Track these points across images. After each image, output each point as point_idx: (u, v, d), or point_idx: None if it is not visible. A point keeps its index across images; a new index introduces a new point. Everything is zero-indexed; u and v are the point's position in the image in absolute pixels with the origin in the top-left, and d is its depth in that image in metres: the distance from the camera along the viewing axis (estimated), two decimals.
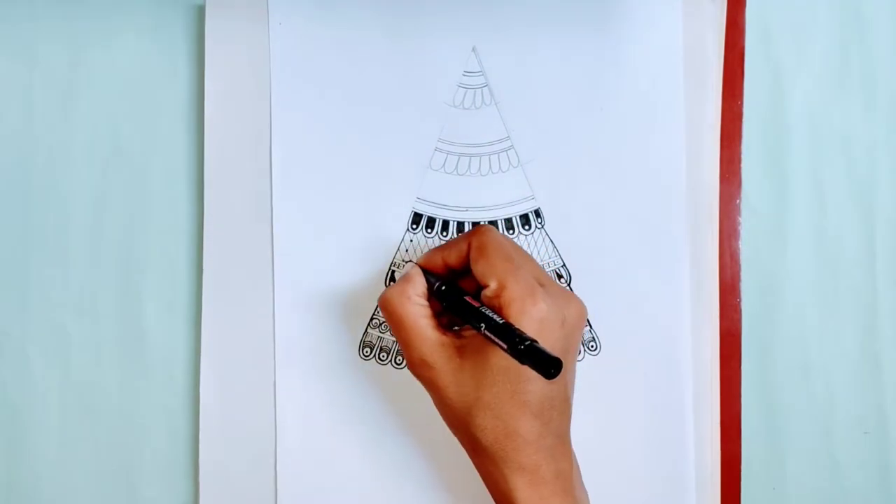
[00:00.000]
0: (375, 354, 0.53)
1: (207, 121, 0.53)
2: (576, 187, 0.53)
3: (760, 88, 0.54)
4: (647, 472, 0.52)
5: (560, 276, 0.53)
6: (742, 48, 0.54)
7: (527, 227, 0.53)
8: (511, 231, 0.53)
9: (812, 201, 0.55)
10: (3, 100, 0.53)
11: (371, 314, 0.53)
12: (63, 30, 0.54)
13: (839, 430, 0.54)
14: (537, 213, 0.53)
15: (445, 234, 0.53)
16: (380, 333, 0.53)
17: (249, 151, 0.53)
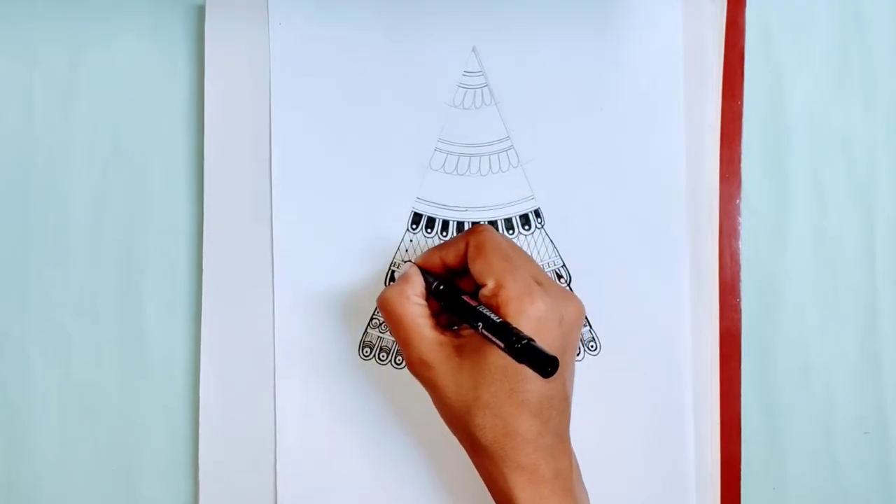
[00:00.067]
0: (375, 354, 0.53)
1: (207, 121, 0.53)
2: (576, 187, 0.53)
3: (760, 88, 0.54)
4: (647, 472, 0.52)
5: (560, 277, 0.53)
6: (742, 48, 0.54)
7: (527, 227, 0.53)
8: (511, 231, 0.53)
9: (812, 201, 0.54)
10: (3, 100, 0.53)
11: (371, 314, 0.53)
12: (63, 30, 0.54)
13: (839, 430, 0.54)
14: (537, 213, 0.53)
15: (445, 234, 0.53)
16: (380, 333, 0.53)
17: (249, 151, 0.53)
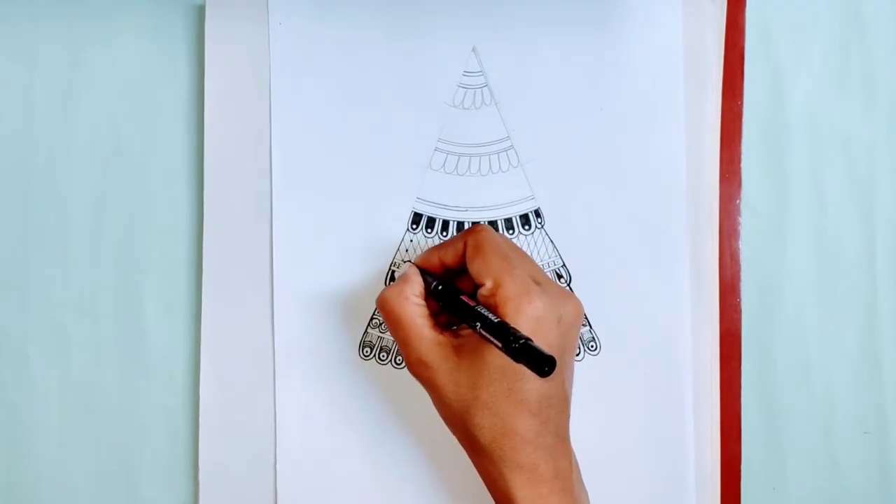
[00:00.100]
0: (375, 354, 0.53)
1: (207, 121, 0.53)
2: (576, 187, 0.53)
3: (760, 88, 0.54)
4: (647, 472, 0.52)
5: (560, 276, 0.53)
6: (742, 48, 0.54)
7: (527, 227, 0.53)
8: (511, 231, 0.53)
9: (812, 201, 0.54)
10: (3, 100, 0.54)
11: (371, 314, 0.53)
12: (63, 30, 0.54)
13: (839, 430, 0.54)
14: (537, 213, 0.53)
15: (445, 234, 0.53)
16: (380, 333, 0.53)
17: (249, 151, 0.53)
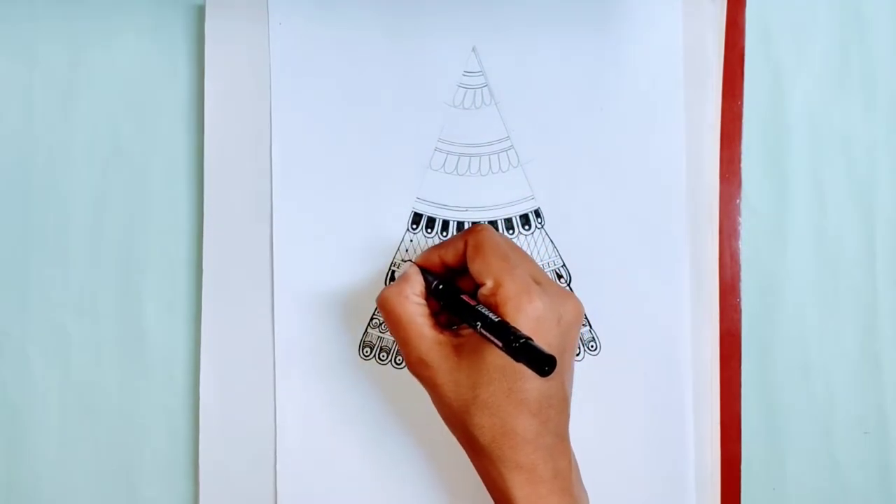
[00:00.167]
0: (375, 354, 0.53)
1: (207, 121, 0.53)
2: (576, 187, 0.53)
3: (760, 88, 0.54)
4: (647, 472, 0.52)
5: (560, 276, 0.53)
6: (742, 48, 0.54)
7: (527, 227, 0.53)
8: (511, 231, 0.53)
9: (812, 201, 0.54)
10: (3, 100, 0.54)
11: (371, 314, 0.53)
12: (63, 30, 0.54)
13: (839, 430, 0.54)
14: (537, 213, 0.53)
15: (445, 233, 0.53)
16: (380, 333, 0.53)
17: (249, 151, 0.53)
